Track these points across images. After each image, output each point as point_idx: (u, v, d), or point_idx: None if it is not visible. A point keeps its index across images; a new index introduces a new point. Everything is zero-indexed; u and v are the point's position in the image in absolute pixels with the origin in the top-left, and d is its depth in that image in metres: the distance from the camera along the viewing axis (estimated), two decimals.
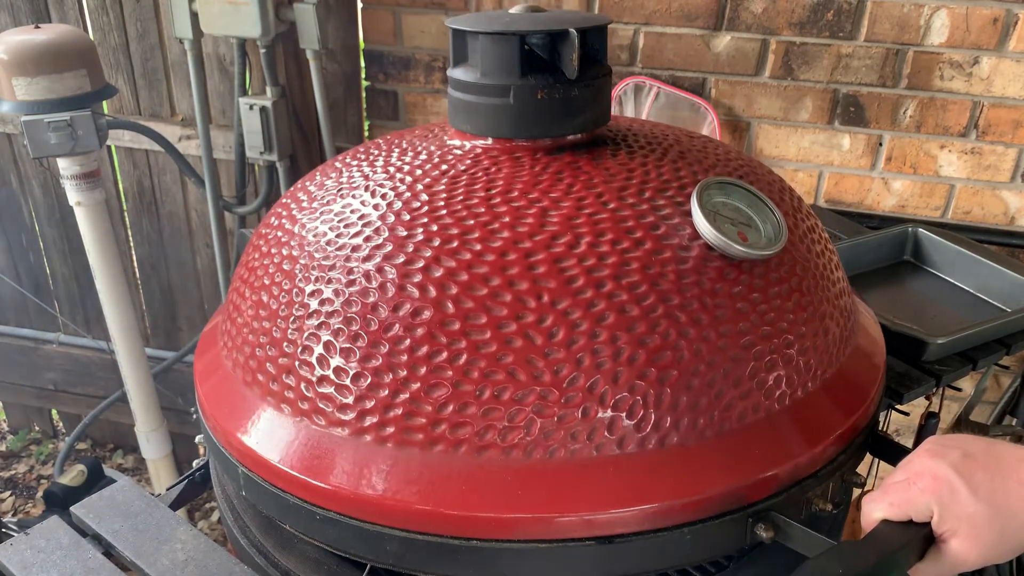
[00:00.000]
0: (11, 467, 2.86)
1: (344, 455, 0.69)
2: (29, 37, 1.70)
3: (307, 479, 0.70)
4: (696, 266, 0.72)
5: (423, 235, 0.73)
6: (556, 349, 0.67)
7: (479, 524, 0.66)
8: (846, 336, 0.83)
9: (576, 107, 0.81)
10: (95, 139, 1.72)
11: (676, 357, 0.69)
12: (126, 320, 2.06)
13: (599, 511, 0.66)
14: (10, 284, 2.60)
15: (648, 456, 0.67)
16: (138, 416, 2.20)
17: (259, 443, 0.75)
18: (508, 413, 0.67)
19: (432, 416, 0.67)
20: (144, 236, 2.45)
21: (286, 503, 0.73)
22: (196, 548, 0.86)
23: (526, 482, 0.66)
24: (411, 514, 0.67)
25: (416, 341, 0.68)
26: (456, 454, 0.67)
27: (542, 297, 0.69)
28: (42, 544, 0.86)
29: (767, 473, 0.70)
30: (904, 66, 1.83)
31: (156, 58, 2.18)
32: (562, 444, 0.67)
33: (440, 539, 0.67)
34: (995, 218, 1.94)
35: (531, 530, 0.66)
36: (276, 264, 0.80)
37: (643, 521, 0.67)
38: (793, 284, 0.77)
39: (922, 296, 1.34)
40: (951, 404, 2.09)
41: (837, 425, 0.76)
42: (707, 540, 0.69)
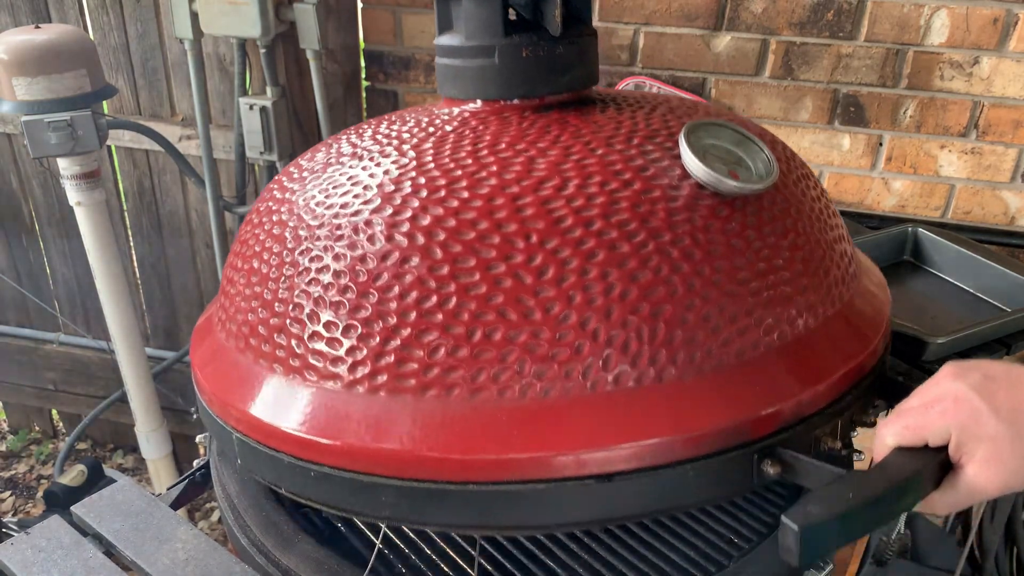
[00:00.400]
0: (11, 467, 2.86)
1: (336, 409, 0.69)
2: (29, 37, 1.70)
3: (300, 434, 0.70)
4: (687, 204, 0.72)
5: (411, 188, 0.73)
6: (546, 287, 0.67)
7: (474, 467, 0.65)
8: (847, 279, 0.82)
9: (562, 65, 0.82)
10: (95, 139, 1.72)
11: (669, 292, 0.68)
12: (126, 320, 2.06)
13: (596, 448, 0.65)
14: (10, 284, 2.60)
15: (645, 392, 0.67)
16: (138, 416, 2.20)
17: (252, 406, 0.75)
18: (500, 354, 0.66)
19: (424, 361, 0.67)
20: (144, 236, 2.45)
21: (281, 464, 0.73)
22: (196, 547, 0.86)
23: (521, 422, 0.65)
24: (405, 461, 0.66)
25: (405, 288, 0.68)
26: (449, 398, 0.66)
27: (531, 237, 0.68)
28: (43, 543, 0.86)
29: (769, 409, 0.68)
30: (904, 66, 1.83)
31: (156, 58, 2.18)
32: (556, 382, 0.66)
33: (436, 485, 0.66)
34: (995, 218, 1.94)
35: (528, 470, 0.65)
36: (267, 231, 0.80)
37: (642, 457, 0.66)
38: (788, 224, 0.77)
39: (922, 296, 1.34)
40: None
41: (840, 365, 0.75)
42: (711, 478, 0.68)
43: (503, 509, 0.67)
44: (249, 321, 0.78)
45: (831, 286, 0.79)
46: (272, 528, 0.86)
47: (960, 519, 2.20)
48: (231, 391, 0.78)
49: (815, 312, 0.76)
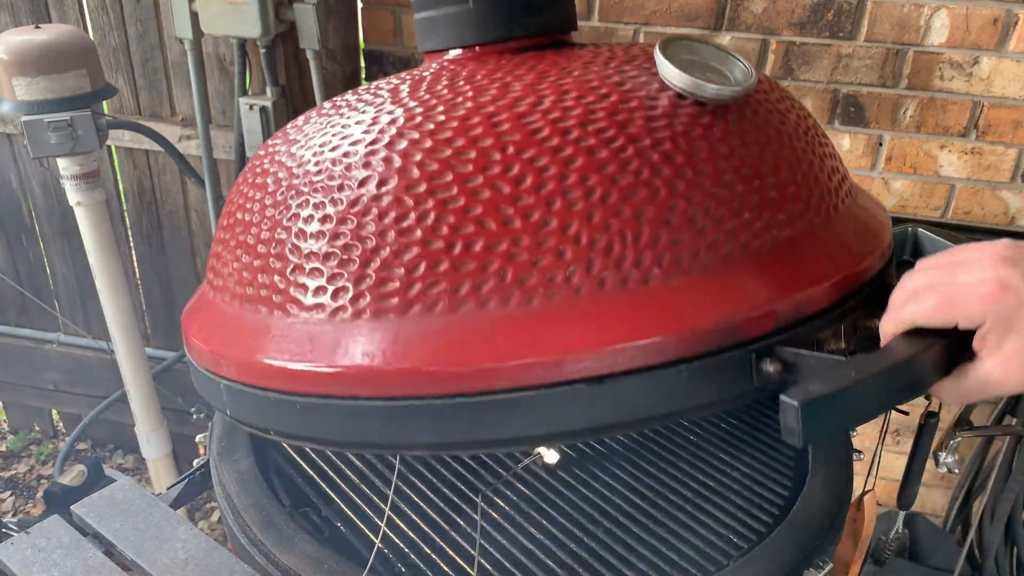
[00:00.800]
0: (11, 467, 2.86)
1: (320, 337, 0.69)
2: (29, 37, 1.70)
3: (283, 364, 0.70)
4: (666, 112, 0.72)
5: (388, 119, 0.74)
6: (525, 195, 0.67)
7: (459, 377, 0.65)
8: (839, 193, 0.82)
9: (537, 5, 0.82)
10: (95, 139, 1.72)
11: (651, 194, 0.67)
12: (126, 320, 2.06)
13: (583, 350, 0.64)
14: (10, 284, 2.60)
15: (631, 294, 0.66)
16: (138, 416, 2.20)
17: (237, 348, 0.75)
18: (481, 264, 0.66)
19: (404, 279, 0.67)
20: (144, 236, 2.45)
21: (267, 403, 0.72)
22: (196, 547, 0.86)
23: (506, 330, 0.65)
24: (389, 378, 0.66)
25: (383, 210, 0.68)
26: (433, 313, 0.66)
27: (507, 149, 0.68)
28: (43, 543, 0.86)
29: (762, 308, 0.67)
30: (904, 66, 1.83)
31: (156, 58, 2.18)
32: (540, 288, 0.65)
33: (422, 401, 0.65)
34: (995, 218, 1.94)
35: (515, 377, 0.64)
36: (250, 183, 0.81)
37: (632, 358, 0.64)
38: (772, 133, 0.76)
39: None
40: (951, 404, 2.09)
41: (837, 269, 0.74)
42: (708, 379, 0.66)
43: (494, 421, 0.66)
44: (234, 270, 0.78)
45: (823, 195, 0.78)
46: (272, 528, 0.86)
47: (960, 519, 2.20)
48: (217, 340, 0.78)
49: (806, 218, 0.75)
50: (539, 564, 0.86)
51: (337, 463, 1.00)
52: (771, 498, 0.96)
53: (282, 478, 0.99)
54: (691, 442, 1.05)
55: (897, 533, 1.52)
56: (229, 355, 0.75)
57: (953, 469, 1.48)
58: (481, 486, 0.96)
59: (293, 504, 0.94)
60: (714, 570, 0.85)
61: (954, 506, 2.20)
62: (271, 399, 0.72)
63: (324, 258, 0.70)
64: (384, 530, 0.88)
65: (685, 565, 0.86)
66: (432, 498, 0.95)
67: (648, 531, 0.90)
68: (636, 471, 0.99)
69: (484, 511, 0.92)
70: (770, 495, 0.96)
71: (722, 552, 0.88)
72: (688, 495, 0.96)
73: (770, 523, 0.92)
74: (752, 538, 0.90)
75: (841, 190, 0.82)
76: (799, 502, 0.92)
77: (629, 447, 1.03)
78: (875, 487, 1.21)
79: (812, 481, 0.95)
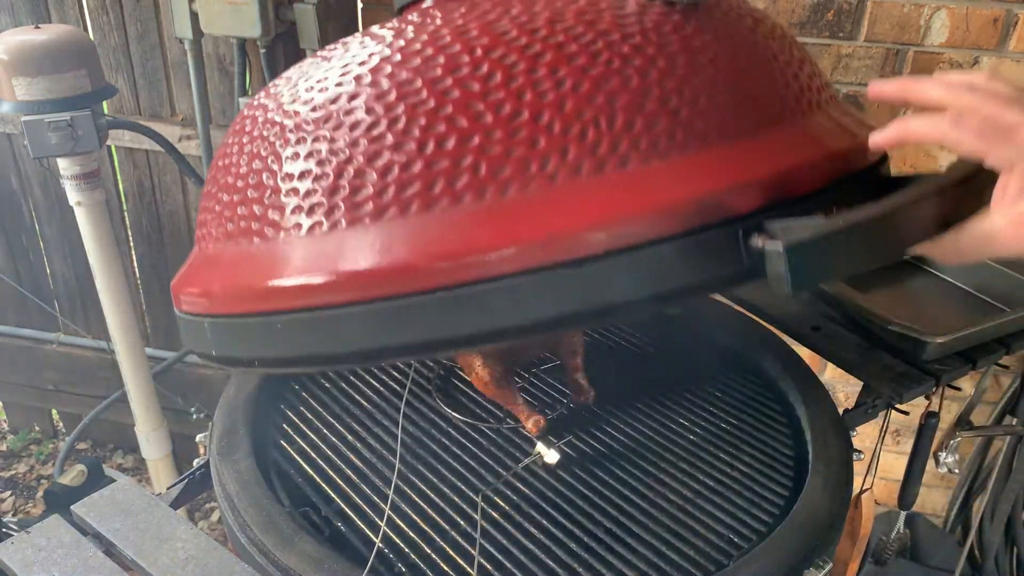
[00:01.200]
0: (11, 467, 2.86)
1: (297, 254, 0.69)
2: (29, 37, 1.70)
3: (261, 284, 0.70)
4: (635, 10, 0.72)
5: (361, 48, 0.75)
6: (495, 91, 0.67)
7: (436, 273, 0.64)
8: (822, 91, 0.81)
9: None
10: (95, 139, 1.72)
11: (623, 82, 0.67)
12: (126, 320, 2.06)
13: (560, 231, 0.63)
14: (10, 284, 2.60)
15: (608, 178, 0.65)
16: (138, 416, 2.20)
17: (219, 282, 0.76)
18: (455, 161, 0.66)
19: (378, 184, 0.67)
20: (144, 236, 2.45)
21: (249, 330, 0.73)
22: (197, 547, 0.86)
23: (481, 221, 0.65)
24: (364, 279, 0.66)
25: (354, 121, 0.69)
26: (408, 215, 0.66)
27: (476, 51, 0.69)
28: (43, 542, 0.86)
29: (744, 183, 0.66)
30: (904, 66, 1.83)
31: (156, 58, 2.18)
32: (515, 179, 0.65)
33: (403, 300, 0.65)
34: None
35: (491, 266, 0.64)
36: (232, 132, 0.82)
37: (612, 238, 0.63)
38: (744, 32, 0.76)
39: (922, 296, 1.34)
40: (951, 404, 2.09)
41: (825, 152, 0.73)
42: (693, 258, 0.65)
43: (476, 314, 0.65)
44: (217, 213, 0.79)
45: (801, 90, 0.77)
46: (272, 527, 0.86)
47: (960, 519, 2.20)
48: (200, 281, 0.79)
49: (786, 106, 0.75)
50: (539, 564, 0.86)
51: (337, 463, 1.00)
52: (771, 498, 0.96)
53: (282, 478, 0.99)
54: (691, 442, 1.05)
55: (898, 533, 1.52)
56: (211, 290, 0.76)
57: (953, 469, 1.48)
58: (481, 486, 0.96)
59: (293, 504, 0.94)
60: (714, 570, 0.85)
61: (954, 506, 2.20)
62: (252, 325, 0.72)
63: (299, 177, 0.70)
64: (384, 530, 0.88)
65: (685, 565, 0.86)
66: (432, 498, 0.95)
67: (648, 531, 0.90)
68: (636, 471, 0.99)
69: (484, 511, 0.92)
70: (770, 495, 0.96)
71: (722, 552, 0.88)
72: (688, 495, 0.96)
73: (770, 523, 0.92)
74: (752, 538, 0.90)
75: (823, 92, 0.82)
76: (799, 502, 0.92)
77: (629, 447, 1.04)
78: (873, 486, 1.22)
79: (812, 481, 0.95)
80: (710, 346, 1.26)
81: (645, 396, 1.13)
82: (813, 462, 0.98)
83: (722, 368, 1.20)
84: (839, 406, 1.10)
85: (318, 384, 1.15)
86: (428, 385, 1.15)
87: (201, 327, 0.79)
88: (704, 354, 1.24)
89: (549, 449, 0.97)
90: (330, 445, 1.03)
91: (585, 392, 1.08)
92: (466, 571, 0.85)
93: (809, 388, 1.11)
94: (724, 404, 1.12)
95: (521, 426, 1.03)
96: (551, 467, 0.98)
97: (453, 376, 1.18)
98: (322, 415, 1.08)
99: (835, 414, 1.06)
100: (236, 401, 1.06)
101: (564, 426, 1.06)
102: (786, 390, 1.14)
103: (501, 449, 1.03)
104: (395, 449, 0.98)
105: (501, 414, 1.08)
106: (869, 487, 1.21)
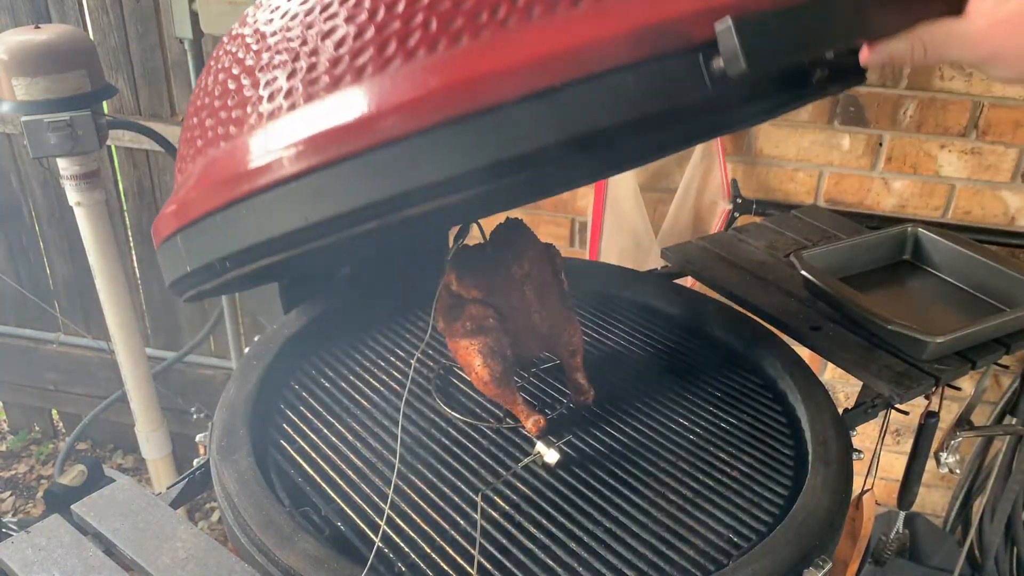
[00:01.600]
0: (11, 467, 2.86)
1: (257, 141, 0.71)
2: (29, 37, 1.70)
3: (226, 174, 0.72)
4: None
5: None
6: None
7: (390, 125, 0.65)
8: None
9: None
10: (95, 139, 1.72)
11: None
12: (126, 320, 2.06)
13: (515, 67, 0.64)
14: (10, 284, 2.60)
15: (562, 17, 0.66)
16: (138, 416, 2.20)
17: (187, 191, 0.77)
18: (406, 21, 0.67)
19: (332, 58, 0.68)
20: (144, 236, 2.45)
21: (216, 227, 0.75)
22: (197, 546, 0.86)
23: (437, 71, 0.65)
24: (319, 142, 0.67)
25: (308, 8, 0.71)
26: (363, 80, 0.67)
27: None
28: (43, 542, 0.86)
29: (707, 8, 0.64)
30: (904, 66, 1.83)
31: (156, 58, 2.18)
32: (466, 29, 0.66)
33: (363, 157, 0.66)
34: (995, 218, 1.94)
35: (448, 106, 0.64)
36: (207, 67, 0.85)
37: (571, 66, 0.64)
38: None
39: (922, 296, 1.34)
40: (951, 404, 2.09)
41: None
42: (656, 84, 0.65)
43: (427, 162, 0.65)
44: (191, 137, 0.81)
45: None
46: (272, 527, 0.86)
47: (960, 519, 2.20)
48: (174, 201, 0.80)
49: None
50: (539, 564, 0.86)
51: (337, 463, 1.00)
52: (771, 498, 0.96)
53: (282, 478, 0.99)
54: (691, 442, 1.05)
55: (897, 533, 1.52)
56: (183, 201, 0.78)
57: (953, 469, 1.48)
58: (481, 486, 0.96)
59: (293, 504, 0.94)
60: (714, 570, 0.85)
61: (954, 506, 2.20)
62: (219, 221, 0.74)
63: (259, 70, 0.72)
64: (384, 530, 0.88)
65: (685, 565, 0.86)
66: (432, 498, 0.95)
67: (648, 531, 0.90)
68: (636, 471, 0.99)
69: (484, 511, 0.92)
70: (770, 495, 0.96)
71: (722, 552, 0.88)
72: (688, 495, 0.96)
73: (770, 523, 0.92)
74: (752, 538, 0.90)
75: None
76: (799, 502, 0.92)
77: (629, 447, 1.04)
78: (874, 486, 1.22)
79: (812, 481, 0.95)
80: (710, 346, 1.26)
81: (645, 396, 1.13)
82: (813, 462, 0.98)
83: (722, 368, 1.20)
84: (839, 406, 1.10)
85: (318, 384, 1.15)
86: (428, 385, 1.15)
87: (175, 247, 0.81)
88: (704, 354, 1.24)
89: (549, 449, 0.97)
90: (330, 445, 1.03)
91: (585, 392, 1.08)
92: (466, 570, 0.85)
93: (809, 388, 1.11)
94: (724, 404, 1.12)
95: (521, 426, 1.03)
96: (551, 467, 0.98)
97: (453, 376, 1.18)
98: (322, 415, 1.08)
99: (835, 414, 1.06)
100: (236, 401, 1.06)
101: (564, 426, 1.06)
102: (786, 390, 1.14)
103: (501, 449, 1.03)
104: (395, 449, 0.98)
105: (501, 414, 1.08)
106: (869, 487, 1.21)
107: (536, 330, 1.06)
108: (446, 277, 1.04)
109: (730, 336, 1.27)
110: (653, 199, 2.07)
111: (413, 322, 1.29)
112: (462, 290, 1.03)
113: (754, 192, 2.02)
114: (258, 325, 2.12)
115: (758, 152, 1.99)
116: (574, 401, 1.09)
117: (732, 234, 1.53)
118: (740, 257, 1.44)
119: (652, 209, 2.06)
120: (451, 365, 1.19)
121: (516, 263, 1.04)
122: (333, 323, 1.26)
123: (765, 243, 1.49)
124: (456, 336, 1.03)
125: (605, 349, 1.26)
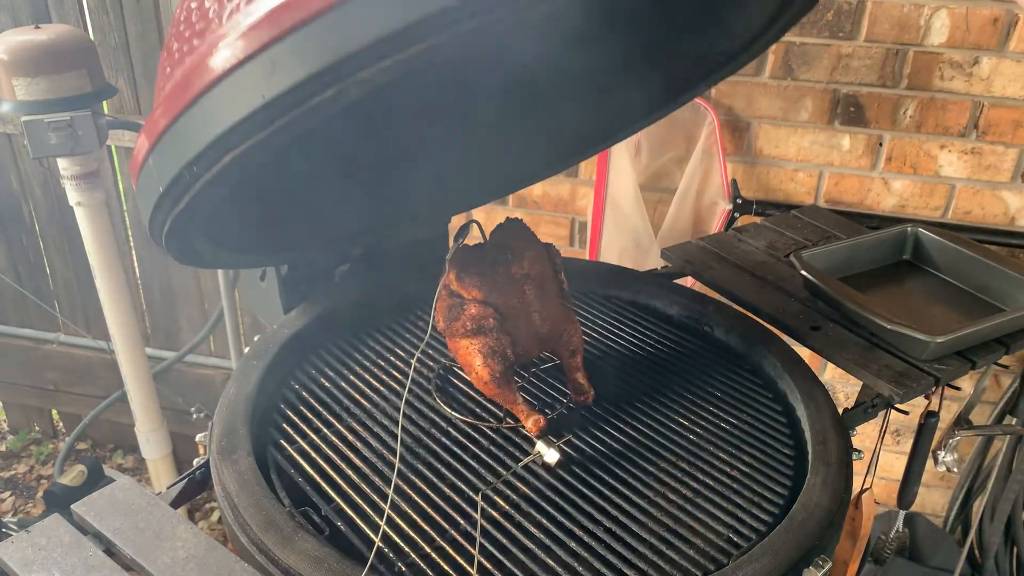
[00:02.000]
0: (11, 467, 2.86)
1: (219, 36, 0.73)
2: (29, 37, 1.70)
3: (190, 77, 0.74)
4: None
5: None
6: None
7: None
8: None
9: None
10: (95, 139, 1.72)
11: None
12: (126, 320, 2.06)
13: None
14: (10, 284, 2.60)
15: None
16: (138, 416, 2.20)
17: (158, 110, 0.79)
18: None
19: None
20: (144, 236, 2.45)
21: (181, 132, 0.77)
22: (196, 546, 0.86)
23: None
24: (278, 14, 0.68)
25: None
26: None
27: None
28: (43, 542, 0.86)
29: None
30: (904, 66, 1.83)
31: (156, 58, 2.17)
32: None
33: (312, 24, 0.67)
34: (995, 218, 1.94)
35: None
36: None
37: None
38: None
39: (922, 296, 1.34)
40: (951, 404, 2.09)
41: None
42: None
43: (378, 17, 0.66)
44: (164, 59, 0.84)
45: None
46: (272, 526, 0.86)
47: (960, 519, 2.20)
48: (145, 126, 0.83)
49: None
50: (539, 563, 0.86)
51: (337, 463, 1.00)
52: (771, 498, 0.96)
53: (282, 478, 0.99)
54: (691, 442, 1.05)
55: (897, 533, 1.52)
56: (149, 121, 0.80)
57: (953, 469, 1.48)
58: (481, 485, 0.96)
59: (293, 504, 0.94)
60: (714, 569, 0.85)
61: (954, 506, 2.20)
62: (182, 125, 0.76)
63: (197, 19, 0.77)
64: (384, 529, 0.88)
65: (685, 564, 0.86)
66: (432, 497, 0.95)
67: (648, 531, 0.90)
68: (636, 471, 0.99)
69: (484, 510, 0.93)
70: (770, 495, 0.96)
71: (722, 551, 0.88)
72: (688, 495, 0.96)
73: (770, 522, 0.92)
74: (751, 537, 0.90)
75: None
76: (799, 502, 0.92)
77: (629, 447, 1.04)
78: (873, 486, 1.22)
79: (812, 481, 0.95)
80: (710, 346, 1.26)
81: (645, 396, 1.13)
82: (813, 462, 0.98)
83: (722, 368, 1.20)
84: (839, 406, 1.10)
85: (318, 384, 1.15)
86: (428, 385, 1.15)
87: (149, 172, 0.82)
88: (704, 354, 1.24)
89: (549, 449, 0.97)
90: (330, 445, 1.03)
91: (585, 392, 1.08)
92: (466, 570, 0.85)
93: (809, 388, 1.11)
94: (724, 404, 1.12)
95: (521, 426, 1.03)
96: (551, 467, 0.98)
97: (453, 376, 1.18)
98: (322, 415, 1.08)
99: (835, 414, 1.06)
100: (236, 401, 1.06)
101: (564, 426, 1.06)
102: (786, 390, 1.14)
103: (501, 449, 1.03)
104: (395, 449, 0.98)
105: (501, 414, 1.09)
106: (869, 487, 1.21)
107: (536, 330, 1.06)
108: (446, 277, 1.04)
109: (730, 336, 1.27)
110: (653, 199, 2.07)
111: (413, 322, 1.29)
112: (462, 290, 1.03)
113: (754, 192, 2.03)
114: (258, 325, 2.12)
115: (758, 152, 1.99)
116: (574, 401, 1.09)
117: (732, 234, 1.53)
118: (740, 257, 1.44)
119: (652, 209, 2.06)
120: (451, 365, 1.19)
121: (516, 263, 1.04)
122: (333, 323, 1.26)
123: (765, 243, 1.49)
124: (456, 336, 1.03)
125: (605, 349, 1.26)
